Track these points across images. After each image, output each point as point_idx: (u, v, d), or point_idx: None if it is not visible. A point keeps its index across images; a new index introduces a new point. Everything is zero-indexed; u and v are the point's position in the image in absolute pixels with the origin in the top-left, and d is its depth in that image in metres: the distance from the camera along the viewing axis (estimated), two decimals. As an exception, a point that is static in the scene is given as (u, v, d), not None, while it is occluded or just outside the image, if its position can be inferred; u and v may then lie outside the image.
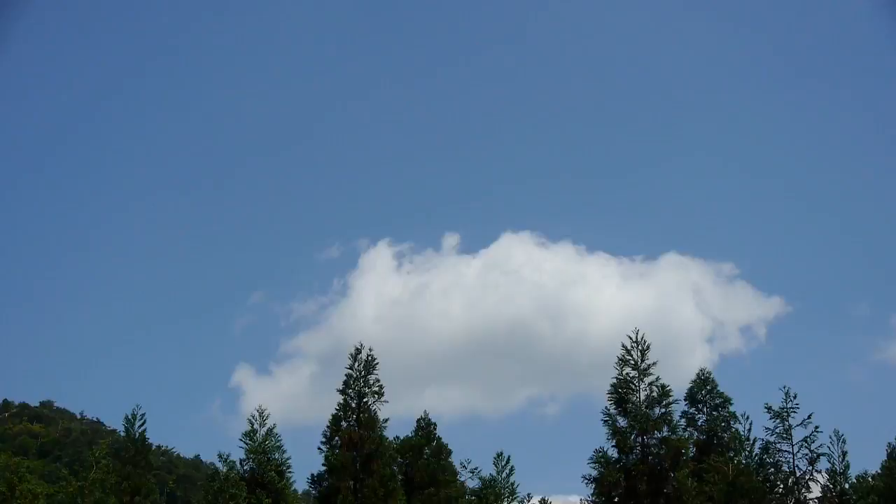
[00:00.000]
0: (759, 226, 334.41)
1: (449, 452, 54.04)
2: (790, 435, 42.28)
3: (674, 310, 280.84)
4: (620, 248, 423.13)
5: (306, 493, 52.58)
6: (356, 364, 44.43)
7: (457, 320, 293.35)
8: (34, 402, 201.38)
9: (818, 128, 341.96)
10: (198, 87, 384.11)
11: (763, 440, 43.42)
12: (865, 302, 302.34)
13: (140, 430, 46.06)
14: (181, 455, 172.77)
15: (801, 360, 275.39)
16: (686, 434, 46.88)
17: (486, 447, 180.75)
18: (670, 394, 41.34)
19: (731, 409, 51.52)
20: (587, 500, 40.53)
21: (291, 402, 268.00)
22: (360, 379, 44.20)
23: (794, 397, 42.32)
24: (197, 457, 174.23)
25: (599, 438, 41.35)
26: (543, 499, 75.36)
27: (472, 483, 50.14)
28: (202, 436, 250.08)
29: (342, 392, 44.04)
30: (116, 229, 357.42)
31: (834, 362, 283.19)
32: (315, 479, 43.44)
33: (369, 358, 44.47)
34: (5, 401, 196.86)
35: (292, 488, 49.67)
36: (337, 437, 43.24)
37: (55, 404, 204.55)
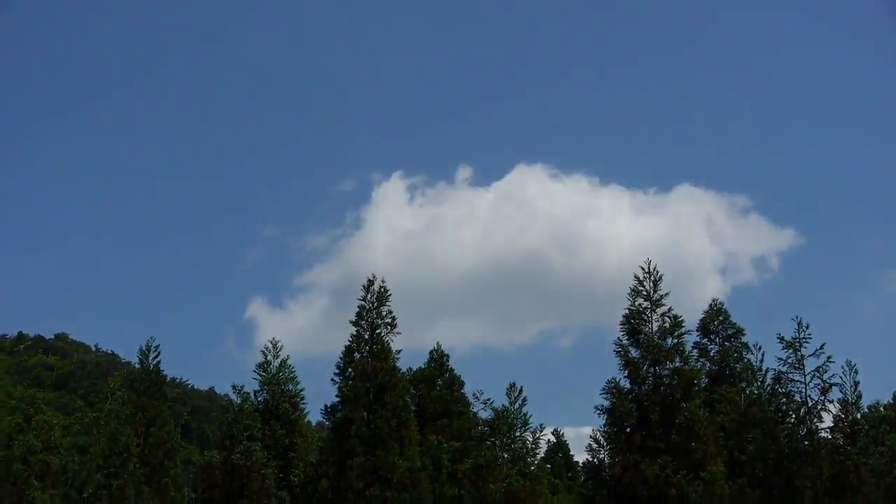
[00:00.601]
0: (773, 158, 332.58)
1: (462, 384, 54.09)
2: (802, 365, 42.02)
3: (687, 241, 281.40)
4: (634, 181, 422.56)
5: (320, 423, 52.91)
6: (369, 296, 44.24)
7: (469, 253, 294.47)
8: (49, 335, 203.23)
9: (833, 58, 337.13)
10: (215, 22, 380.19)
11: (775, 370, 43.26)
12: (878, 234, 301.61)
13: (155, 363, 46.25)
14: (196, 387, 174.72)
15: (814, 292, 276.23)
16: (698, 365, 46.74)
17: (498, 379, 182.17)
18: (683, 325, 41.02)
19: (744, 339, 51.37)
20: (599, 431, 40.63)
21: (305, 334, 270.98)
22: (373, 310, 44.03)
23: (807, 328, 41.94)
24: (211, 389, 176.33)
25: (612, 370, 41.18)
26: (556, 430, 75.91)
27: (485, 414, 50.30)
28: (217, 368, 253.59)
29: (355, 324, 43.92)
30: (132, 164, 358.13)
31: (846, 294, 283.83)
32: (329, 410, 43.61)
33: (382, 289, 44.25)
34: (21, 333, 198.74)
35: (306, 419, 50.04)
36: (350, 369, 43.23)
37: (70, 337, 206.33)
